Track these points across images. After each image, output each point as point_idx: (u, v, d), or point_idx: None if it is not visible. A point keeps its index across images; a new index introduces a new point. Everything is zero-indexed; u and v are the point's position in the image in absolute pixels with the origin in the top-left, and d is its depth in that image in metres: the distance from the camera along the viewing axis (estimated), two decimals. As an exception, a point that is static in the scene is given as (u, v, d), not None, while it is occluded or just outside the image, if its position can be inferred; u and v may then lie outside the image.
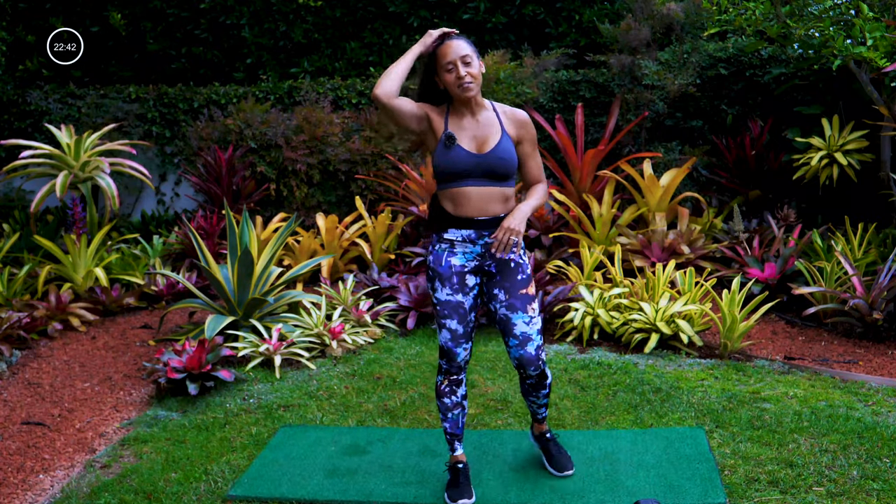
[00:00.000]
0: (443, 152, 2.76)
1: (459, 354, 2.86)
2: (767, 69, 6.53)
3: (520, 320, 2.81)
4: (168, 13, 8.00)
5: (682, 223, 5.94)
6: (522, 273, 2.84)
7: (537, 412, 3.11)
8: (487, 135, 2.78)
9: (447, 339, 2.84)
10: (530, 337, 2.83)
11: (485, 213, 2.77)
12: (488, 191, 2.76)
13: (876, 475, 2.94)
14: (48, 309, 5.20)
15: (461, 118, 2.81)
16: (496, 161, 2.75)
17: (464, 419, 2.99)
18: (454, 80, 2.73)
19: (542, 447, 3.16)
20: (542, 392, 3.01)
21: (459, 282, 2.81)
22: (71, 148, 6.01)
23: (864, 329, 4.54)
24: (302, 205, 6.62)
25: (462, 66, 2.72)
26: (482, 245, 2.80)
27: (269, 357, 4.40)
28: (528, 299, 2.83)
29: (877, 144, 5.91)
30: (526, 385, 3.00)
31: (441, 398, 2.94)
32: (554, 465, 3.08)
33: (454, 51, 2.73)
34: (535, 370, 2.87)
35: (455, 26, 7.71)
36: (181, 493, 3.04)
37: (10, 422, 3.81)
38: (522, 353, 2.83)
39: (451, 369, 2.90)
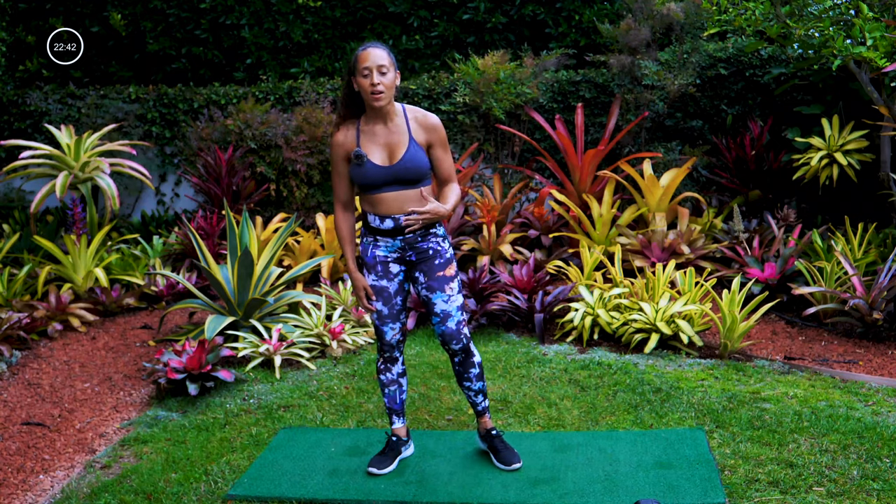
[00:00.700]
0: (354, 168, 2.96)
1: (387, 333, 3.12)
2: (767, 69, 6.53)
3: (439, 299, 3.04)
4: (168, 13, 8.01)
5: (682, 223, 5.94)
6: (440, 258, 3.05)
7: (475, 400, 3.21)
8: (397, 143, 2.95)
9: (375, 318, 3.12)
10: (450, 313, 3.06)
11: (401, 212, 2.97)
12: (403, 194, 2.96)
13: (876, 475, 2.94)
14: (48, 309, 5.20)
15: (373, 126, 2.97)
16: (405, 171, 2.93)
17: (402, 396, 3.25)
18: (367, 85, 2.85)
19: (489, 445, 3.24)
20: (472, 373, 3.15)
21: (383, 270, 3.07)
22: (71, 148, 6.01)
23: (864, 329, 4.54)
24: (302, 205, 6.62)
25: (377, 74, 2.84)
26: (401, 240, 3.02)
27: (269, 357, 4.40)
28: (446, 280, 3.05)
29: (877, 144, 5.91)
30: (456, 366, 3.17)
31: (379, 375, 3.24)
32: (501, 460, 3.17)
33: (372, 58, 2.85)
34: (457, 344, 3.08)
35: (455, 26, 7.72)
36: (181, 494, 3.04)
37: (10, 422, 3.81)
38: (444, 328, 3.07)
39: (383, 347, 3.17)
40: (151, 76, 8.31)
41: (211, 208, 6.50)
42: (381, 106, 2.89)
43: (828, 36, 5.12)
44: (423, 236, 3.02)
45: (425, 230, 3.02)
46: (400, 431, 3.25)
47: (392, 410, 3.25)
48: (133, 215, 7.81)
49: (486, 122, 6.96)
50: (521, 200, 7.05)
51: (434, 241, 3.04)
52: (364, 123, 2.99)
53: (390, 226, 2.99)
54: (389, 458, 3.19)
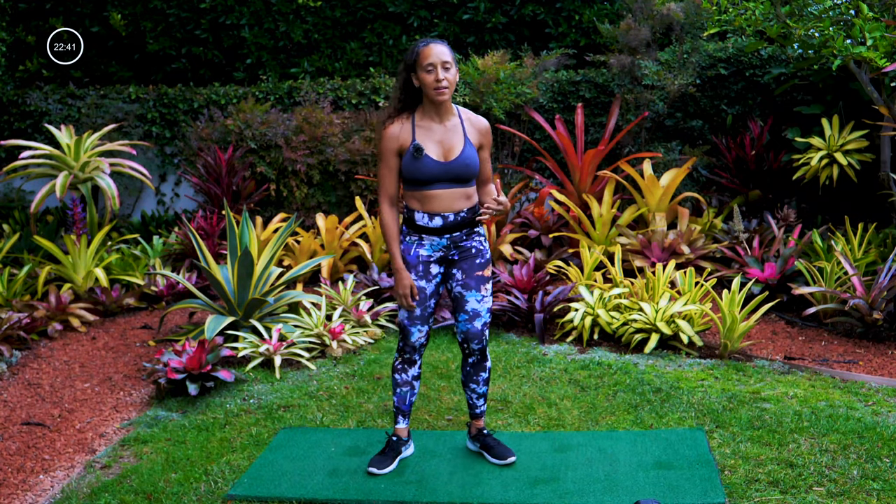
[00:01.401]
0: (411, 162, 2.96)
1: (413, 334, 3.10)
2: (767, 69, 6.53)
3: (472, 297, 3.07)
4: (168, 13, 8.01)
5: (682, 223, 5.94)
6: (482, 258, 3.08)
7: (476, 403, 3.24)
8: (453, 142, 2.97)
9: (405, 317, 3.09)
10: (479, 313, 3.08)
11: (450, 210, 2.99)
12: (453, 192, 2.98)
13: (876, 475, 2.94)
14: (48, 309, 5.20)
15: (430, 122, 2.99)
16: (461, 168, 2.96)
17: (412, 398, 3.23)
18: (432, 81, 2.88)
19: (482, 444, 3.25)
20: (482, 376, 3.20)
21: (424, 270, 3.04)
22: (71, 148, 6.01)
23: (864, 329, 4.55)
24: (302, 205, 6.62)
25: (441, 70, 2.87)
26: (447, 238, 3.02)
27: (269, 357, 4.40)
28: (483, 280, 3.08)
29: (877, 144, 5.91)
30: (468, 366, 3.19)
31: (394, 374, 3.22)
32: (495, 456, 3.19)
33: (437, 54, 2.88)
34: (478, 344, 3.11)
35: (455, 26, 7.72)
36: (181, 494, 3.04)
37: (10, 422, 3.81)
38: (469, 327, 3.09)
39: (405, 348, 3.14)
40: (151, 76, 8.31)
41: (211, 208, 6.50)
42: (445, 101, 2.92)
43: (828, 36, 5.12)
44: (468, 235, 3.05)
45: (470, 229, 3.05)
46: (402, 432, 3.25)
47: (399, 410, 3.24)
48: (133, 215, 7.81)
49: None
50: (521, 200, 7.05)
51: (478, 240, 3.08)
52: (420, 118, 3.00)
53: (439, 224, 2.99)
54: (390, 457, 3.18)
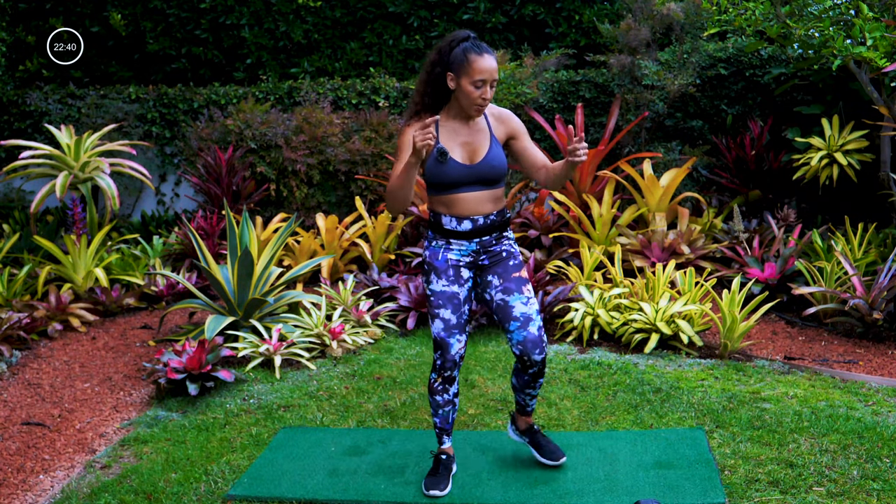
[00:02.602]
0: (435, 166, 2.81)
1: (452, 346, 2.87)
2: (767, 69, 6.53)
3: (517, 301, 2.86)
4: (168, 13, 8.01)
5: (682, 223, 5.94)
6: (514, 259, 2.92)
7: (529, 404, 3.10)
8: (479, 143, 2.84)
9: (440, 329, 2.88)
10: (531, 317, 2.85)
11: (479, 213, 2.86)
12: (480, 195, 2.85)
13: (876, 475, 2.94)
14: (48, 309, 5.20)
15: (456, 124, 2.86)
16: (488, 170, 2.82)
17: (454, 415, 3.05)
18: (476, 96, 2.73)
19: (532, 440, 3.16)
20: (539, 381, 3.00)
21: (455, 274, 2.89)
22: (71, 148, 6.01)
23: (864, 329, 4.54)
24: (302, 205, 6.62)
25: (489, 88, 2.73)
26: (476, 242, 2.89)
27: (269, 357, 4.40)
28: (523, 281, 2.89)
29: (877, 144, 5.91)
30: (524, 377, 2.97)
31: (433, 395, 2.99)
32: (547, 456, 3.10)
33: (490, 70, 2.71)
34: (540, 354, 2.86)
35: (455, 26, 7.71)
36: (181, 494, 3.04)
37: (10, 422, 3.81)
38: (526, 334, 2.83)
39: (444, 364, 2.90)
40: (151, 76, 8.31)
41: (211, 208, 6.50)
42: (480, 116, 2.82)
43: (828, 36, 5.12)
44: (497, 239, 2.91)
45: (499, 232, 2.91)
46: (449, 450, 3.08)
47: (443, 430, 3.05)
48: (133, 215, 7.81)
49: (486, 122, 6.95)
50: (521, 200, 7.05)
51: (507, 243, 2.94)
52: (444, 119, 2.85)
53: (468, 227, 2.85)
54: (444, 476, 3.01)
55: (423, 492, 2.97)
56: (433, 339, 2.92)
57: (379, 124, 6.67)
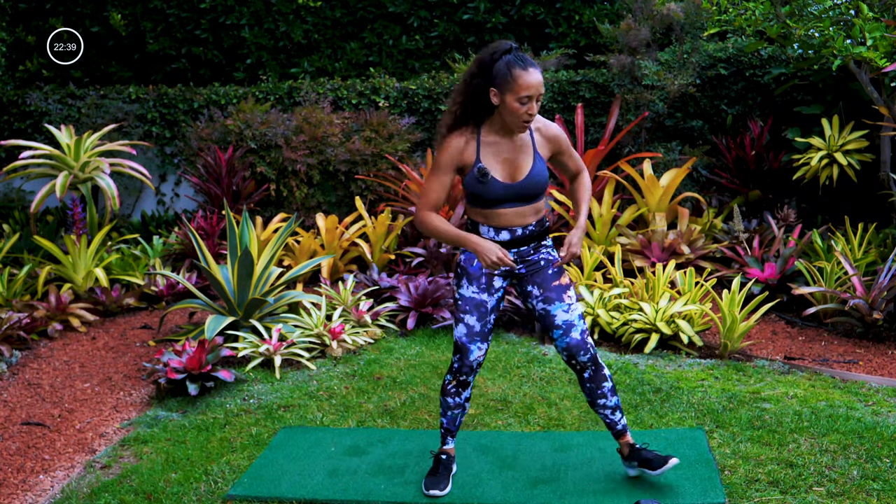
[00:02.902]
0: (475, 184, 2.75)
1: (472, 352, 2.87)
2: (767, 69, 6.53)
3: (559, 310, 2.83)
4: (168, 13, 8.01)
5: (682, 223, 5.94)
6: (553, 267, 2.87)
7: (612, 419, 2.94)
8: (522, 160, 2.75)
9: (463, 333, 2.87)
10: (572, 323, 2.82)
11: (518, 225, 2.81)
12: (520, 209, 2.79)
13: (876, 475, 2.94)
14: (48, 309, 5.20)
15: (498, 138, 2.76)
16: (530, 187, 2.76)
17: (462, 419, 3.07)
18: (522, 112, 2.63)
19: (640, 460, 2.92)
20: (606, 387, 2.88)
21: (487, 282, 2.85)
22: (71, 148, 6.01)
23: (864, 329, 4.54)
24: (302, 205, 6.62)
25: (535, 103, 2.63)
26: (514, 252, 2.84)
27: (269, 357, 4.40)
28: (563, 289, 2.85)
29: (877, 144, 5.91)
30: (586, 384, 2.90)
31: (445, 396, 3.00)
32: (656, 467, 2.88)
33: (536, 85, 2.60)
34: (584, 355, 2.82)
35: (455, 26, 7.72)
36: (181, 494, 3.04)
37: (10, 422, 3.81)
38: (569, 340, 2.82)
39: (462, 367, 2.90)
40: (151, 76, 8.31)
41: (211, 208, 6.50)
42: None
43: (828, 36, 5.12)
44: (534, 248, 2.86)
45: (537, 242, 2.85)
46: (450, 451, 3.09)
47: (448, 431, 3.06)
48: (133, 215, 7.81)
49: (486, 122, 6.95)
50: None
51: (545, 251, 2.89)
52: (486, 134, 2.75)
53: (506, 238, 2.80)
54: (444, 476, 3.01)
55: (423, 491, 2.98)
56: (454, 342, 2.91)
57: (379, 124, 6.67)
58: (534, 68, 2.61)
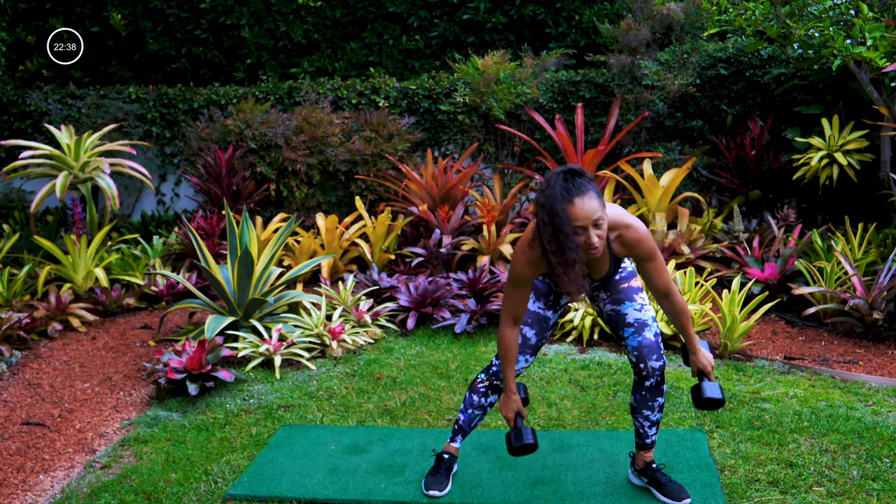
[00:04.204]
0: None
1: (520, 362, 2.86)
2: (767, 69, 6.53)
3: (630, 308, 2.75)
4: (168, 13, 8.01)
5: (682, 223, 5.94)
6: (619, 274, 2.81)
7: (648, 432, 2.90)
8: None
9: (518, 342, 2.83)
10: (646, 322, 2.74)
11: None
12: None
13: (876, 475, 2.94)
14: (48, 309, 5.20)
15: None
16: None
17: (478, 422, 3.05)
18: (582, 242, 2.45)
19: (651, 479, 2.93)
20: (659, 401, 2.82)
21: (555, 300, 2.85)
22: (71, 148, 6.01)
23: (864, 329, 4.54)
24: (302, 205, 6.62)
25: (592, 229, 2.43)
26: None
27: (269, 357, 4.40)
28: (634, 290, 2.79)
29: (877, 144, 5.91)
30: (644, 390, 2.81)
31: (473, 393, 2.99)
32: (667, 494, 2.86)
33: (586, 213, 2.41)
34: (658, 360, 2.73)
35: (455, 26, 7.72)
36: (181, 494, 3.04)
37: (10, 422, 3.81)
38: (642, 339, 2.72)
39: (499, 374, 2.91)
40: (151, 76, 8.31)
41: (211, 208, 6.50)
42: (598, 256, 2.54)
43: (828, 36, 5.12)
44: None
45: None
46: (454, 450, 3.08)
47: (461, 430, 3.04)
48: (133, 215, 7.81)
49: (486, 122, 6.96)
50: (521, 200, 7.05)
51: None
52: None
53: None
54: (444, 476, 3.02)
55: (423, 491, 2.98)
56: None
57: (379, 124, 6.67)
58: (581, 197, 2.41)
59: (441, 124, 7.10)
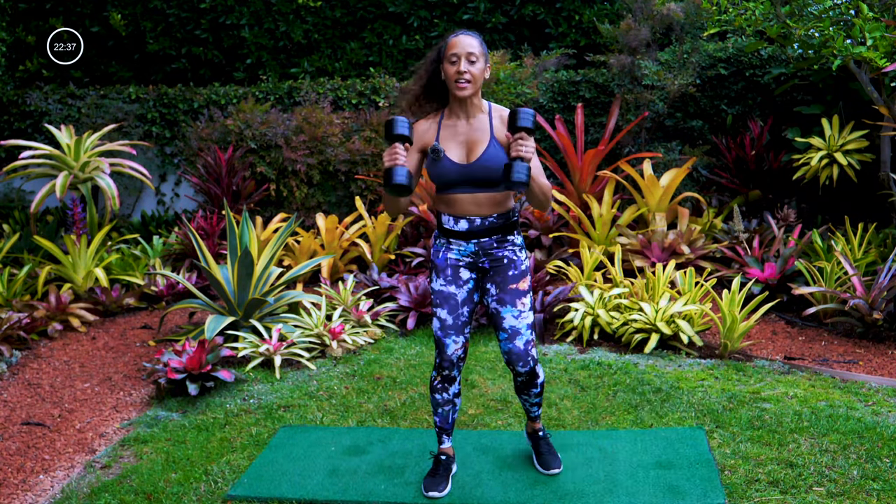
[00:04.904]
0: (430, 164, 2.79)
1: (448, 346, 2.88)
2: (767, 69, 6.53)
3: (508, 314, 2.83)
4: (168, 13, 8.01)
5: (682, 223, 5.94)
6: (515, 269, 2.85)
7: (530, 410, 3.13)
8: (476, 141, 2.76)
9: (437, 328, 2.90)
10: (519, 331, 2.83)
11: (476, 215, 2.80)
12: (477, 196, 2.78)
13: (876, 475, 2.94)
14: (48, 309, 5.20)
15: (455, 121, 2.80)
16: (481, 170, 2.74)
17: (455, 415, 3.05)
18: (453, 73, 2.69)
19: (533, 444, 3.20)
20: (533, 391, 3.03)
21: (453, 274, 2.86)
22: (71, 148, 6.01)
23: (864, 329, 4.54)
24: (302, 205, 6.62)
25: (465, 62, 2.68)
26: (475, 244, 2.84)
27: (269, 357, 4.40)
28: (519, 294, 2.84)
29: (877, 144, 5.91)
30: (516, 384, 3.03)
31: (433, 393, 3.01)
32: (541, 464, 3.12)
33: (461, 45, 2.70)
34: (523, 367, 2.87)
35: (455, 26, 7.71)
36: (181, 494, 3.04)
37: (10, 422, 3.81)
38: (511, 346, 2.85)
39: (442, 363, 2.91)
40: (151, 76, 8.31)
41: (211, 208, 6.50)
42: (466, 96, 2.71)
43: (828, 36, 5.12)
44: (499, 242, 2.83)
45: (502, 236, 2.83)
46: (449, 451, 3.08)
47: (443, 430, 3.05)
48: (133, 215, 7.81)
49: (486, 122, 6.95)
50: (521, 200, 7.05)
51: (510, 249, 2.85)
52: (447, 117, 2.82)
53: (464, 227, 2.80)
54: (443, 477, 3.01)
55: (423, 493, 2.98)
56: (434, 338, 2.94)
57: (379, 124, 6.68)
58: (464, 34, 2.73)
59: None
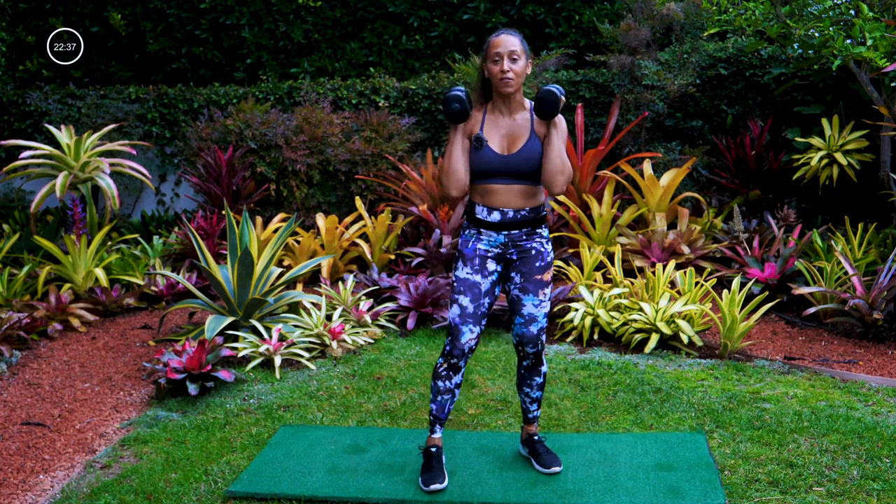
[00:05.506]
0: (473, 152, 2.92)
1: (464, 334, 2.93)
2: (767, 69, 6.53)
3: (529, 302, 2.96)
4: (168, 13, 8.01)
5: (682, 223, 5.94)
6: (542, 261, 2.97)
7: (529, 408, 3.17)
8: (518, 135, 2.92)
9: (456, 314, 2.94)
10: (536, 318, 2.97)
11: (509, 206, 2.91)
12: (512, 188, 2.90)
13: (876, 475, 2.94)
14: (48, 309, 5.20)
15: (498, 116, 2.95)
16: (521, 161, 2.88)
17: (451, 406, 3.08)
18: (497, 72, 2.85)
19: (530, 450, 3.21)
20: (536, 381, 3.11)
21: (480, 264, 2.95)
22: (71, 148, 6.01)
23: (864, 329, 4.55)
24: (302, 205, 6.62)
25: (507, 61, 2.83)
26: (505, 235, 2.94)
27: (269, 357, 4.40)
28: (542, 284, 2.97)
29: (877, 144, 5.92)
30: (523, 369, 3.10)
31: (436, 380, 3.04)
32: (541, 464, 3.13)
33: (504, 44, 2.85)
34: (532, 348, 3.01)
35: (455, 26, 7.72)
36: (181, 494, 3.04)
37: (10, 422, 3.81)
38: (525, 331, 2.98)
39: (453, 350, 2.96)
40: (151, 76, 8.31)
41: (211, 208, 6.50)
42: (510, 93, 2.88)
43: (828, 36, 5.12)
44: (528, 235, 2.95)
45: (531, 229, 2.95)
46: (438, 441, 3.11)
47: (437, 419, 3.08)
48: (133, 215, 7.81)
49: (486, 122, 6.96)
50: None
51: (538, 241, 2.97)
52: (490, 111, 2.97)
53: (497, 218, 2.91)
54: (438, 469, 3.03)
55: (423, 488, 2.98)
56: (448, 325, 2.98)
57: (379, 124, 6.68)
58: (505, 33, 2.88)
59: (441, 124, 7.10)
